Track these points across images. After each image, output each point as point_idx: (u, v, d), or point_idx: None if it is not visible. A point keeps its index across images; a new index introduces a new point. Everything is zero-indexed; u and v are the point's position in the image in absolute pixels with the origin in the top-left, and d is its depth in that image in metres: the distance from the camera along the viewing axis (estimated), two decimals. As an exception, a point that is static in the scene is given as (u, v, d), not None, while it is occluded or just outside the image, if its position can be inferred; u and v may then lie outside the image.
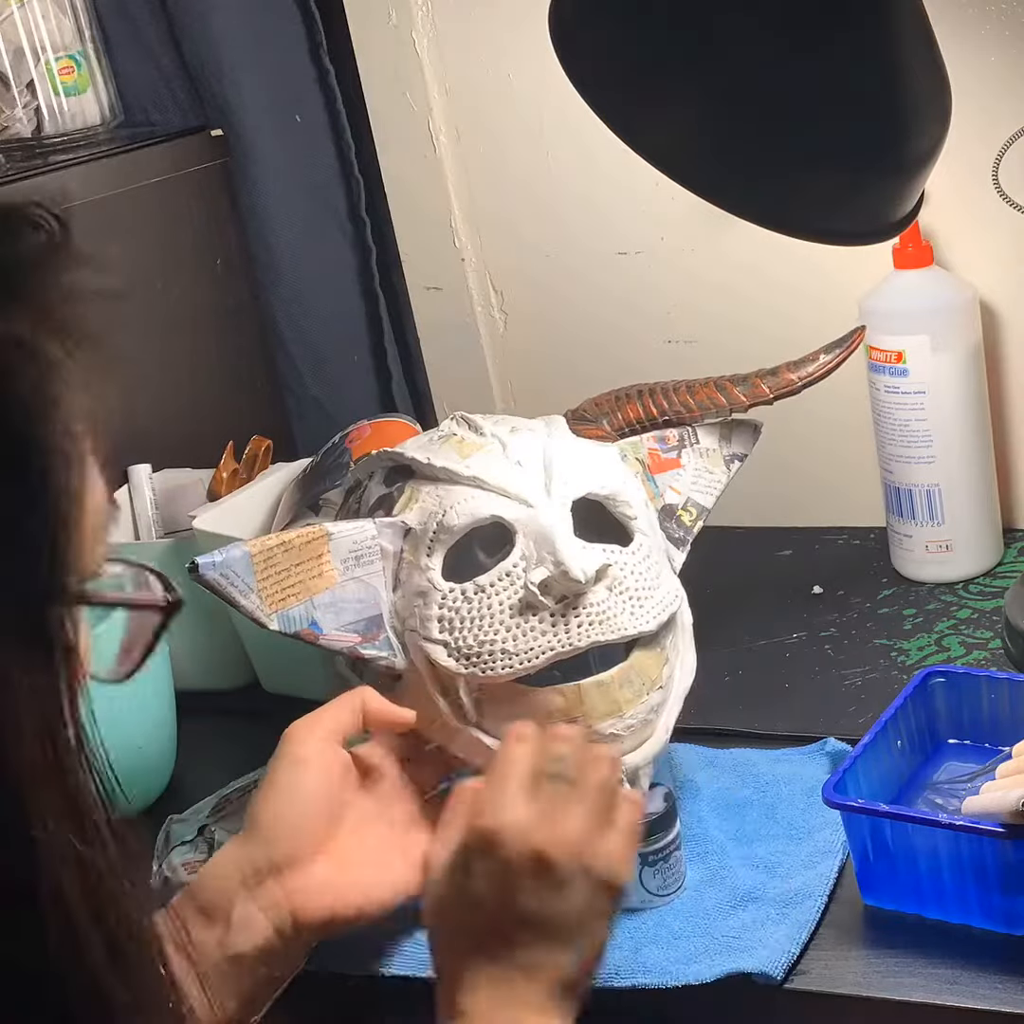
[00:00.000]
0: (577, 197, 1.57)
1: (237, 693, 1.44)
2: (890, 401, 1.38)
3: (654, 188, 1.35)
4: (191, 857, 1.12)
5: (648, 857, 1.03)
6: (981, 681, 1.10)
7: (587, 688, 1.02)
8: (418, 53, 1.58)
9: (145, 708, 1.26)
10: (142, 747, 1.25)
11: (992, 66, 1.35)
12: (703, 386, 1.19)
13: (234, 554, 1.00)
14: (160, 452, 1.55)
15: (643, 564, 1.05)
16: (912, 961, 0.96)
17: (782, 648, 1.35)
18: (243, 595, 1.00)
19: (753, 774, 1.16)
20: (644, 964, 0.98)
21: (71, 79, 1.59)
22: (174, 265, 1.61)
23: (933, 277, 1.38)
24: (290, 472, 1.42)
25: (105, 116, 1.62)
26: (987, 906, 0.96)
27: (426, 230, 1.65)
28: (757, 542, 1.56)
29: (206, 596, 1.00)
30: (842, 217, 1.17)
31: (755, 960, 0.97)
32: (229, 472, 1.49)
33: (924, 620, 1.36)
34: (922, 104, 1.13)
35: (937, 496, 1.39)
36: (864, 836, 0.99)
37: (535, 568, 1.01)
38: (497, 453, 1.06)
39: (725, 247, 1.51)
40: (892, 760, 1.06)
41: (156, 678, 1.28)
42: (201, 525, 1.36)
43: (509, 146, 1.59)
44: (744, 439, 1.20)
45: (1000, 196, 1.26)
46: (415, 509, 1.05)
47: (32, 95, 1.58)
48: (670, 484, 1.14)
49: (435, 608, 1.03)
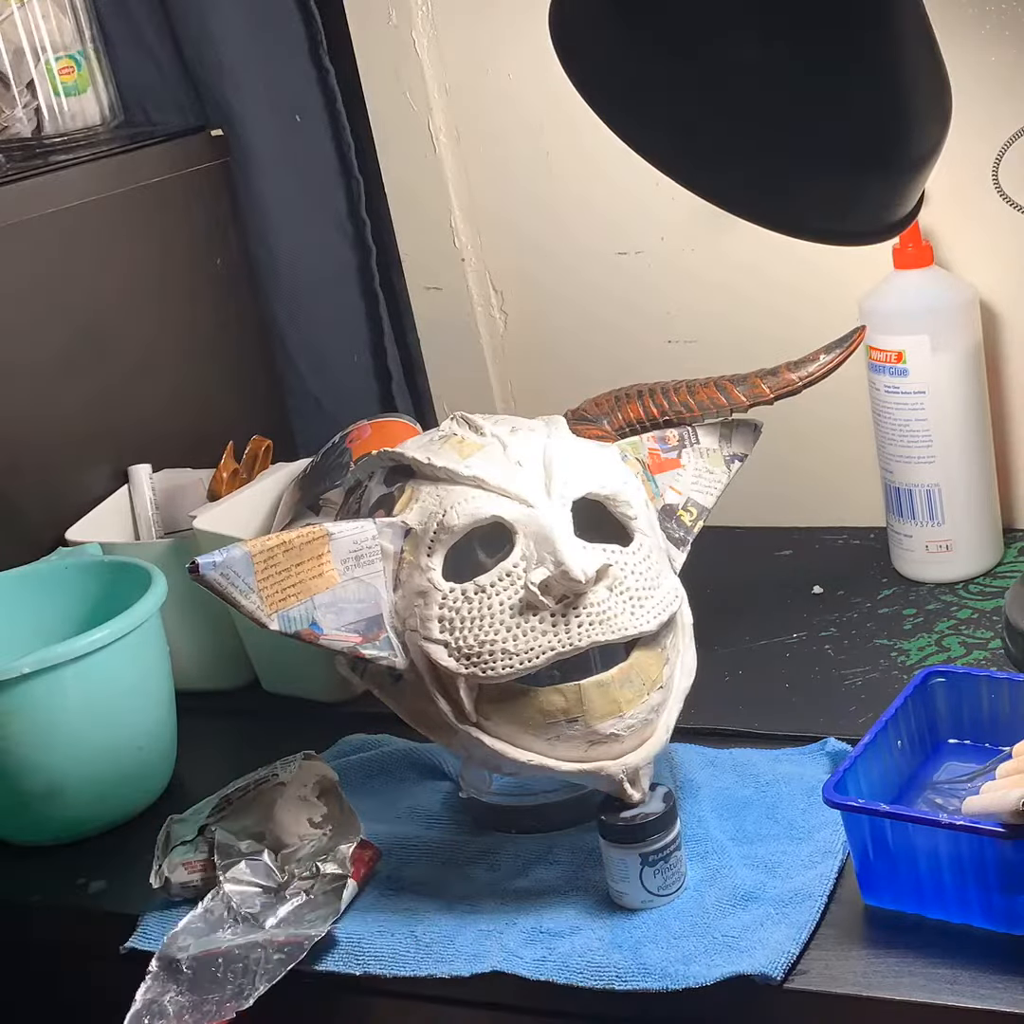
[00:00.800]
0: (577, 197, 1.57)
1: (237, 693, 1.44)
2: (890, 401, 1.38)
3: (654, 188, 1.35)
4: (191, 857, 1.12)
5: (648, 857, 1.03)
6: (981, 681, 1.10)
7: (587, 688, 1.02)
8: (418, 53, 1.58)
9: (145, 708, 1.26)
10: (142, 747, 1.25)
11: (992, 66, 1.35)
12: (703, 386, 1.19)
13: (234, 554, 1.00)
14: (160, 452, 1.55)
15: (643, 564, 1.05)
16: (912, 961, 0.96)
17: (782, 648, 1.35)
18: (243, 595, 1.00)
19: (753, 774, 1.16)
20: (644, 965, 0.98)
21: (71, 79, 1.59)
22: (174, 265, 1.61)
23: (933, 277, 1.38)
24: (290, 472, 1.42)
25: (105, 116, 1.62)
26: (987, 906, 0.96)
27: (426, 230, 1.65)
28: (757, 542, 1.56)
29: (206, 596, 1.01)
30: (842, 217, 1.17)
31: (755, 960, 0.97)
32: (229, 472, 1.49)
33: (924, 620, 1.36)
34: (922, 104, 1.13)
35: (937, 496, 1.39)
36: (864, 836, 0.99)
37: (535, 568, 1.01)
38: (497, 453, 1.06)
39: (725, 247, 1.51)
40: (892, 760, 1.06)
41: (156, 678, 1.28)
42: (201, 525, 1.36)
43: (509, 146, 1.59)
44: (744, 439, 1.20)
45: (1000, 196, 1.26)
46: (415, 509, 1.05)
47: (32, 95, 1.58)
48: (670, 484, 1.15)
49: (435, 608, 1.03)
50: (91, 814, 1.25)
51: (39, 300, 1.48)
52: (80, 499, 1.49)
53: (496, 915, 1.06)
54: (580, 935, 1.03)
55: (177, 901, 1.12)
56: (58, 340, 1.49)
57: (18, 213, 1.46)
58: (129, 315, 1.56)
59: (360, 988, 1.05)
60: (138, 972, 1.05)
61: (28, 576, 1.35)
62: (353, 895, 1.09)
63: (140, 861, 1.15)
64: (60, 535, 1.45)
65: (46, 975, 1.23)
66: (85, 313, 1.52)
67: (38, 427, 1.47)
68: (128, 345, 1.56)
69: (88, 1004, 1.14)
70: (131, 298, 1.56)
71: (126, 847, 1.23)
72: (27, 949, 1.23)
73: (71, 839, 1.25)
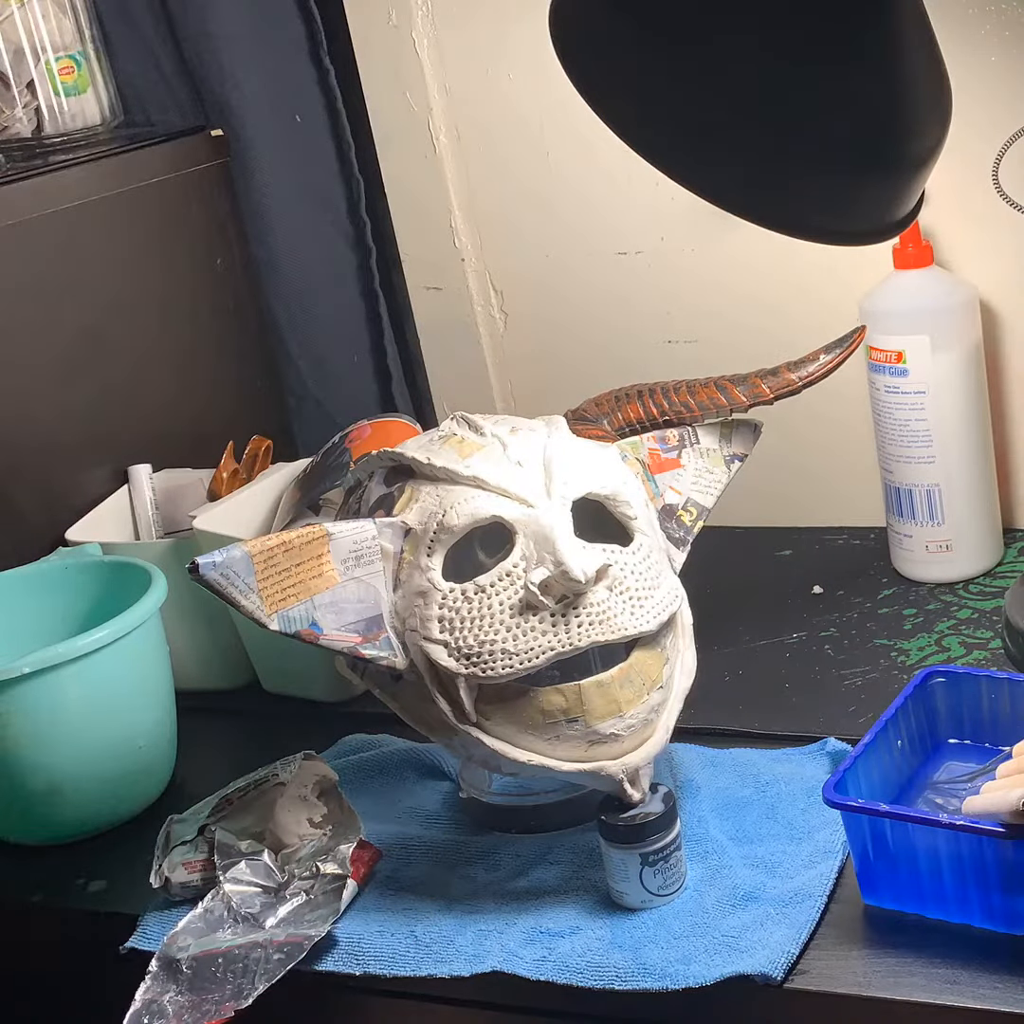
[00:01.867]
0: (577, 197, 1.57)
1: (237, 693, 1.44)
2: (890, 401, 1.38)
3: (654, 188, 1.36)
4: (191, 857, 1.12)
5: (648, 857, 1.03)
6: (981, 681, 1.10)
7: (587, 688, 1.02)
8: (418, 53, 1.58)
9: (145, 708, 1.26)
10: (142, 747, 1.25)
11: (992, 66, 1.35)
12: (703, 386, 1.19)
13: (234, 554, 1.00)
14: (160, 452, 1.55)
15: (643, 564, 1.05)
16: (912, 961, 0.96)
17: (782, 648, 1.35)
18: (243, 595, 1.00)
19: (753, 774, 1.16)
20: (644, 965, 0.98)
21: (71, 79, 1.59)
22: (174, 265, 1.61)
23: (933, 277, 1.38)
24: (290, 472, 1.42)
25: (105, 116, 1.62)
26: (987, 906, 0.96)
27: (426, 230, 1.65)
28: (757, 542, 1.56)
29: (206, 596, 1.01)
30: (842, 217, 1.17)
31: (755, 960, 0.97)
32: (229, 472, 1.49)
33: (924, 620, 1.36)
34: (922, 104, 1.13)
35: (937, 496, 1.39)
36: (864, 836, 0.99)
37: (535, 568, 1.01)
38: (497, 453, 1.06)
39: (725, 247, 1.51)
40: (892, 760, 1.06)
41: (156, 678, 1.28)
42: (201, 525, 1.36)
43: (509, 146, 1.59)
44: (744, 439, 1.20)
45: (1000, 196, 1.26)
46: (415, 509, 1.05)
47: (32, 95, 1.58)
48: (670, 484, 1.15)
49: (435, 608, 1.03)
50: (91, 814, 1.25)
51: (39, 300, 1.48)
52: (80, 499, 1.49)
53: (496, 915, 1.06)
54: (580, 935, 1.03)
55: (177, 901, 1.12)
56: (58, 340, 1.49)
57: (18, 213, 1.46)
58: (129, 315, 1.56)
59: (360, 988, 1.05)
60: (138, 972, 1.05)
61: (28, 576, 1.35)
62: (353, 895, 1.09)
63: (140, 861, 1.15)
64: (60, 535, 1.45)
65: (46, 975, 1.23)
66: (85, 313, 1.52)
67: (38, 427, 1.47)
68: (128, 345, 1.56)
69: (88, 1004, 1.14)
70: (131, 298, 1.56)
71: (126, 847, 1.23)
72: (27, 949, 1.23)
73: (71, 839, 1.25)
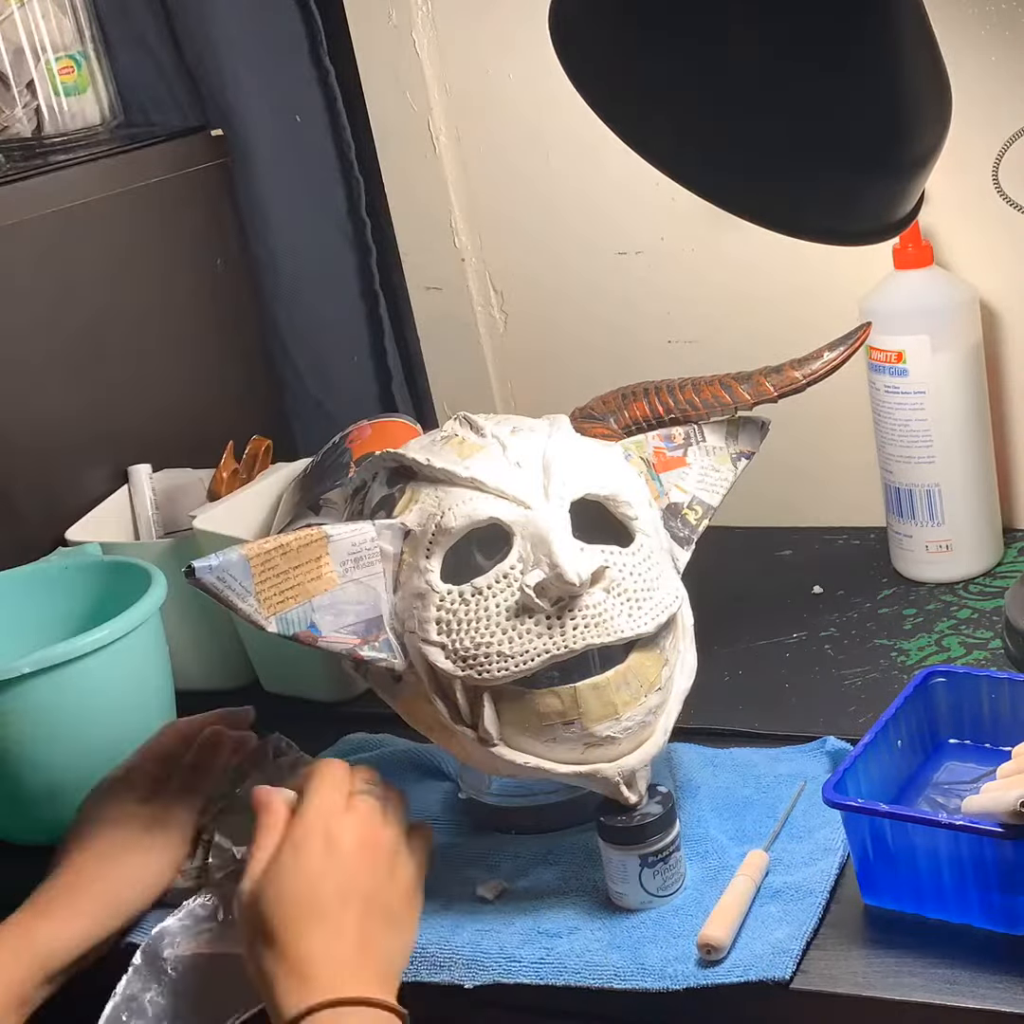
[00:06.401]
0: (577, 197, 1.57)
1: (237, 693, 1.44)
2: (890, 401, 1.38)
3: (654, 188, 1.35)
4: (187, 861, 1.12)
5: (647, 858, 1.03)
6: (981, 681, 1.10)
7: (583, 690, 1.02)
8: (418, 53, 1.58)
9: (145, 708, 1.26)
10: (142, 747, 1.25)
11: (992, 66, 1.35)
12: (708, 384, 1.19)
13: (231, 558, 0.99)
14: (160, 452, 1.55)
15: (643, 565, 1.05)
16: (912, 961, 0.95)
17: (782, 648, 1.35)
18: (240, 598, 0.99)
19: (753, 774, 1.16)
20: (643, 965, 0.98)
21: (71, 79, 1.59)
22: (174, 265, 1.61)
23: (933, 277, 1.38)
24: (290, 472, 1.42)
25: (105, 116, 1.62)
26: (987, 906, 0.96)
27: (426, 230, 1.65)
28: (757, 542, 1.56)
29: (206, 597, 1.00)
30: (842, 217, 1.17)
31: (756, 960, 0.96)
32: (229, 472, 1.49)
33: (924, 620, 1.36)
34: (922, 105, 1.13)
35: (937, 496, 1.39)
36: (864, 836, 0.99)
37: (531, 570, 1.01)
38: (497, 454, 1.06)
39: (725, 247, 1.51)
40: (892, 760, 1.06)
41: (156, 678, 1.28)
42: (201, 525, 1.36)
43: (509, 146, 1.59)
44: (751, 436, 1.19)
45: (1000, 196, 1.26)
46: (414, 511, 1.05)
47: (32, 95, 1.58)
48: (676, 483, 1.14)
49: (433, 610, 1.02)
50: (91, 814, 1.25)
51: (39, 300, 1.48)
52: (80, 499, 1.49)
53: (495, 915, 1.06)
54: (579, 935, 1.03)
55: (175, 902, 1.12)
56: (58, 340, 1.49)
57: (18, 213, 1.46)
58: (129, 315, 1.56)
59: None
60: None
61: (28, 576, 1.35)
62: (353, 895, 1.09)
63: (140, 861, 1.15)
64: (60, 535, 1.45)
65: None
66: (85, 313, 1.52)
67: (38, 427, 1.47)
68: (128, 345, 1.56)
69: (87, 1003, 1.14)
70: (131, 298, 1.56)
71: (126, 847, 1.22)
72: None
73: (71, 839, 1.25)
